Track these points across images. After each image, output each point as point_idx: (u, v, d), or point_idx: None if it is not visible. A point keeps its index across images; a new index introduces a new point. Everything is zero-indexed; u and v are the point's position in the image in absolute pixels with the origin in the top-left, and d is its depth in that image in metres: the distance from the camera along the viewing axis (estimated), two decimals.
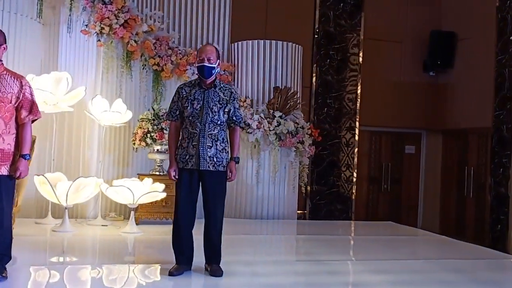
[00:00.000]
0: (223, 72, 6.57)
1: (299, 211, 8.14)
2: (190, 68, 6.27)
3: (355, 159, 8.66)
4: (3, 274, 3.14)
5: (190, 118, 3.51)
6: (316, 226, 7.06)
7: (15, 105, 3.18)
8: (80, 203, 5.54)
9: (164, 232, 4.78)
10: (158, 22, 6.32)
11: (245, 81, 6.68)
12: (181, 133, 3.58)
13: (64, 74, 5.36)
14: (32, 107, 3.25)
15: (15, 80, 3.20)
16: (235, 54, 6.81)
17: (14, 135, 3.19)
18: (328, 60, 8.58)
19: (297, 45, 6.90)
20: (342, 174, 8.66)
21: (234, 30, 7.02)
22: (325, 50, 8.53)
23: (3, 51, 3.22)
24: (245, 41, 6.71)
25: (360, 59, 8.67)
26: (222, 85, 3.64)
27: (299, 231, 6.50)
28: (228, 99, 3.58)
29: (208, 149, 3.47)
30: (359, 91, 8.65)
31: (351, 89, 8.65)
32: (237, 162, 3.62)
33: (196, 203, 3.57)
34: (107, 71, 5.85)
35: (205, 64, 3.49)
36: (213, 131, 3.50)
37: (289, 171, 6.57)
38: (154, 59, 6.15)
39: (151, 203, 5.23)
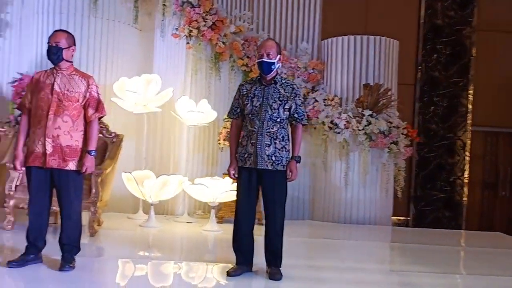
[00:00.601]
0: (312, 70, 6.40)
1: (399, 217, 7.64)
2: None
3: (467, 162, 7.91)
4: (71, 265, 3.32)
5: (250, 115, 3.42)
6: (417, 233, 6.53)
7: (82, 104, 3.36)
8: (170, 200, 5.79)
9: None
10: (247, 22, 6.36)
11: (334, 78, 6.43)
12: (242, 132, 3.51)
13: (153, 76, 5.61)
14: (98, 106, 3.41)
15: (83, 79, 3.39)
16: (325, 51, 6.59)
17: (82, 132, 3.37)
18: (435, 55, 7.97)
19: (392, 40, 6.48)
20: (452, 179, 7.97)
21: (327, 27, 6.81)
22: (431, 44, 7.95)
23: (73, 53, 3.43)
24: (335, 38, 6.46)
25: (473, 52, 7.91)
26: (283, 81, 3.50)
27: (394, 238, 6.04)
28: (289, 95, 3.43)
29: (266, 148, 3.35)
30: (471, 88, 7.89)
31: (462, 85, 7.92)
32: (298, 161, 3.45)
33: (255, 203, 3.47)
34: (195, 72, 6.02)
35: (264, 59, 3.39)
36: (272, 129, 3.38)
37: (381, 174, 6.17)
38: (243, 59, 6.19)
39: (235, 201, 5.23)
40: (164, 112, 5.81)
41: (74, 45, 3.46)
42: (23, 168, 3.33)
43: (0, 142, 5.12)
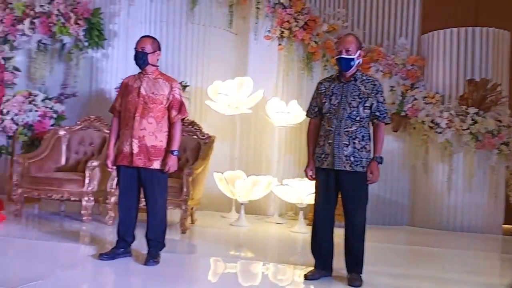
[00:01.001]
0: (411, 67, 6.05)
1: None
2: (374, 65, 5.97)
3: None
4: (156, 259, 3.47)
5: (328, 114, 3.31)
6: None
7: (166, 106, 3.51)
8: (262, 201, 5.84)
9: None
10: (341, 20, 6.20)
11: (435, 75, 6.01)
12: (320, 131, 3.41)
13: (245, 79, 5.70)
14: (181, 107, 3.54)
15: (167, 83, 3.54)
16: (425, 46, 6.19)
17: (166, 133, 3.53)
18: None
19: (503, 31, 5.88)
20: None
21: (427, 20, 6.39)
22: None
23: (158, 57, 3.59)
24: (437, 31, 6.04)
25: None
26: (364, 78, 3.33)
27: (506, 249, 5.47)
28: (370, 92, 3.26)
29: (344, 148, 3.22)
30: None
31: None
32: (380, 162, 3.26)
33: (334, 205, 3.35)
34: (287, 73, 6.01)
35: (342, 56, 3.26)
36: (351, 128, 3.23)
37: (490, 177, 5.63)
38: None
39: None
40: (255, 113, 5.88)
41: (159, 50, 3.61)
42: (114, 167, 3.56)
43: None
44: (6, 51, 6.34)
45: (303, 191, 4.88)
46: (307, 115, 3.53)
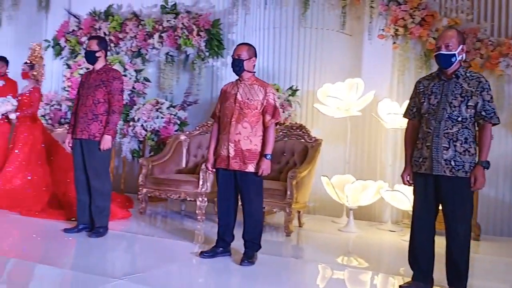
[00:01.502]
0: None
1: None
2: (504, 60, 5.40)
3: None
4: (251, 260, 3.56)
5: (426, 115, 3.09)
6: None
7: (260, 111, 3.58)
8: (377, 207, 5.64)
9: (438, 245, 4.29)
10: (465, 13, 5.71)
11: None
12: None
13: (356, 81, 5.55)
14: (275, 112, 3.59)
15: (261, 88, 3.62)
16: None
17: (260, 137, 3.60)
18: None
19: None
20: None
21: None
22: None
23: (254, 63, 3.68)
24: None
25: None
26: (468, 75, 3.04)
27: None
28: (474, 90, 2.97)
29: (444, 151, 2.97)
30: None
31: None
32: (486, 167, 2.94)
33: (434, 213, 3.10)
34: (402, 73, 5.71)
35: (441, 52, 3.02)
36: (451, 129, 2.97)
37: None
38: None
39: None
40: (366, 115, 5.69)
41: (255, 56, 3.70)
42: (214, 170, 3.74)
43: None
44: (138, 63, 7.01)
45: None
46: (404, 116, 3.34)
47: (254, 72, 3.74)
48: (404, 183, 3.26)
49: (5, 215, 5.03)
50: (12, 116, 5.78)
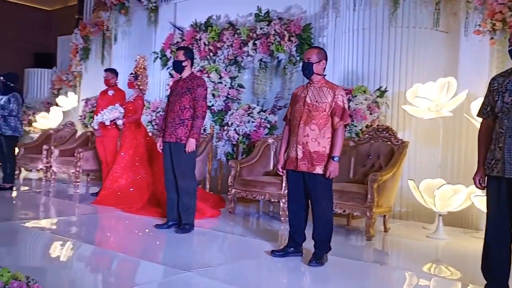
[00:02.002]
0: None
1: None
2: None
3: None
4: (319, 261, 3.59)
5: (500, 114, 2.89)
6: None
7: (329, 113, 3.60)
8: (474, 213, 5.32)
9: None
10: None
11: None
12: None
13: (449, 80, 5.28)
14: (343, 114, 3.59)
15: (330, 90, 3.64)
16: None
17: (329, 139, 3.62)
18: None
19: None
20: None
21: None
22: None
23: (323, 66, 3.71)
24: None
25: None
26: None
27: None
28: None
29: None
30: None
31: None
32: None
33: (509, 218, 2.88)
34: (500, 70, 5.28)
35: None
36: None
37: None
38: None
39: None
40: (459, 116, 5.38)
41: (325, 59, 3.74)
42: (284, 171, 3.83)
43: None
44: (232, 71, 7.34)
45: None
46: (478, 115, 3.15)
47: (325, 75, 3.78)
48: (476, 186, 3.08)
49: (111, 211, 5.60)
50: (119, 122, 6.40)
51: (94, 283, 3.12)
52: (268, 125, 6.64)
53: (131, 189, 6.00)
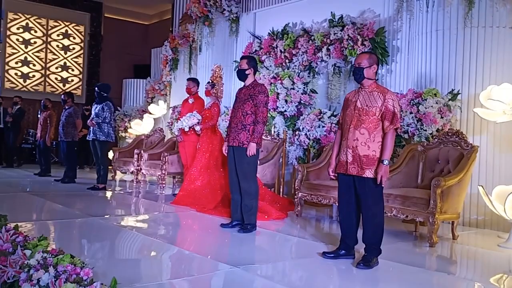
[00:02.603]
0: None
1: None
2: None
3: None
4: (367, 264, 3.61)
5: None
6: None
7: (379, 117, 3.62)
8: None
9: None
10: None
11: None
12: None
13: None
14: (393, 118, 3.58)
15: (380, 95, 3.65)
16: None
17: (379, 143, 3.63)
18: None
19: None
20: None
21: None
22: None
23: (374, 71, 3.73)
24: None
25: None
26: None
27: None
28: None
29: None
30: None
31: None
32: None
33: None
34: None
35: None
36: None
37: None
38: None
39: None
40: None
41: (376, 64, 3.76)
42: (335, 175, 3.90)
43: None
44: (305, 77, 7.47)
45: None
46: None
47: (376, 79, 3.80)
48: None
49: (186, 210, 6.00)
50: (197, 128, 6.81)
51: (149, 270, 3.43)
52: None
53: (206, 191, 6.35)
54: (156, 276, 3.34)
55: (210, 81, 6.88)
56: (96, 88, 7.66)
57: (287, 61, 8.11)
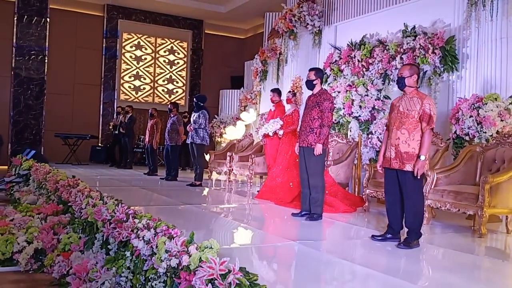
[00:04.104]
0: None
1: None
2: None
3: None
4: (407, 245, 4.22)
5: None
6: None
7: (417, 119, 4.22)
8: None
9: None
10: None
11: None
12: None
13: None
14: (429, 120, 4.17)
15: (420, 100, 4.25)
16: None
17: (418, 141, 4.24)
18: None
19: None
20: None
21: None
22: None
23: (415, 79, 4.34)
24: None
25: None
26: None
27: None
28: None
29: None
30: None
31: None
32: None
33: None
34: None
35: None
36: None
37: None
38: None
39: None
40: None
41: (417, 74, 4.37)
42: (382, 168, 4.55)
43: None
44: (378, 84, 8.04)
45: None
46: None
47: (417, 87, 4.40)
48: None
49: (266, 203, 6.91)
50: (280, 132, 7.70)
51: (230, 240, 4.34)
52: None
53: (286, 187, 7.20)
54: (236, 242, 4.26)
55: (291, 91, 7.75)
56: (194, 99, 8.88)
57: (364, 69, 8.72)
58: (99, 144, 14.64)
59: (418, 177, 4.23)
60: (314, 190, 5.58)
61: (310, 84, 5.70)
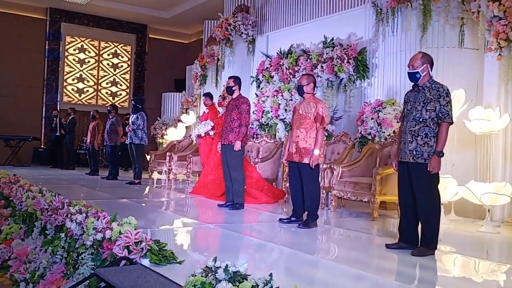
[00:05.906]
0: None
1: None
2: None
3: None
4: (306, 225, 5.04)
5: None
6: None
7: (313, 120, 5.06)
8: None
9: None
10: None
11: None
12: None
13: (459, 92, 6.22)
14: (322, 120, 5.02)
15: (314, 104, 5.10)
16: None
17: (313, 138, 5.06)
18: None
19: None
20: None
21: None
22: None
23: (311, 87, 5.17)
24: None
25: None
26: None
27: None
28: None
29: None
30: None
31: None
32: None
33: None
34: (506, 82, 6.07)
35: None
36: None
37: None
38: None
39: None
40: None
41: (313, 82, 5.22)
42: (287, 162, 5.36)
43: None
44: None
45: None
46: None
47: (312, 93, 5.24)
48: None
49: (199, 197, 7.61)
50: (211, 133, 8.42)
51: (156, 221, 5.00)
52: (326, 134, 8.05)
53: (217, 182, 7.91)
54: (161, 225, 4.94)
55: (222, 95, 8.48)
56: (132, 101, 9.46)
57: (291, 76, 9.58)
58: (42, 146, 14.83)
59: (313, 168, 5.06)
60: (236, 182, 6.33)
61: (230, 90, 6.46)
